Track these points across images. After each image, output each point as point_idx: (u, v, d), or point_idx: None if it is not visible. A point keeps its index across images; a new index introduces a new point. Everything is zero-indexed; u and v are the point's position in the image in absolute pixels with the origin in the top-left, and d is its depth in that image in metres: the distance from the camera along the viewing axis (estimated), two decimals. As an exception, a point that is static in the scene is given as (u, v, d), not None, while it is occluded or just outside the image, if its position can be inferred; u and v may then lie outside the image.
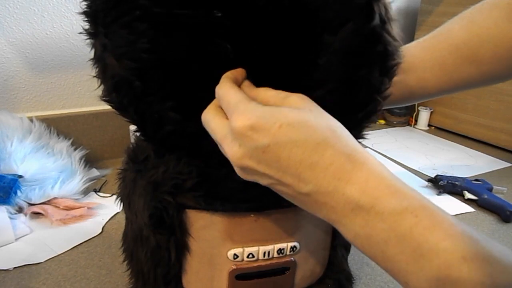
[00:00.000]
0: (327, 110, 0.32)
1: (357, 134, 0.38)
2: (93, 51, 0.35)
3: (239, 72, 0.33)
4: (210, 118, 0.32)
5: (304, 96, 0.31)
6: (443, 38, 0.50)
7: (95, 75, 0.36)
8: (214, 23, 0.31)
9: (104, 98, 0.37)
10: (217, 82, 0.33)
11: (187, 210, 0.38)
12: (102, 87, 0.36)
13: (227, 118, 0.31)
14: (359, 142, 0.32)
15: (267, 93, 0.32)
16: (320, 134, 0.28)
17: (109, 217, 0.69)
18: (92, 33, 0.34)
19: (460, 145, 1.18)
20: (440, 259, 0.25)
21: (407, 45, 0.51)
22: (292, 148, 0.28)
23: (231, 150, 0.30)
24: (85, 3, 0.33)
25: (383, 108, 0.40)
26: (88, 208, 0.71)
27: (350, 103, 0.34)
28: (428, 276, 0.25)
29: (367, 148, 0.98)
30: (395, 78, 0.37)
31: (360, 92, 0.34)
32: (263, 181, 0.31)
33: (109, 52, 0.32)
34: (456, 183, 0.84)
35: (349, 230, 0.28)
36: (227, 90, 0.31)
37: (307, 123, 0.29)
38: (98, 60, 0.35)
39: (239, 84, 0.33)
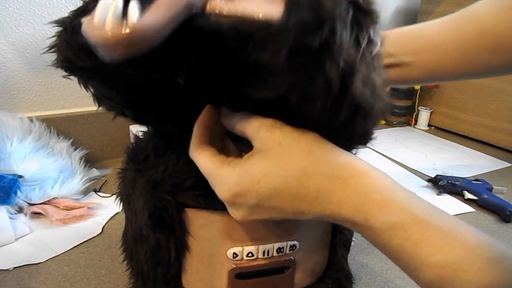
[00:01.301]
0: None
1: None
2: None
3: (207, 118, 0.33)
4: (200, 163, 0.33)
5: (273, 124, 0.30)
6: (469, 20, 0.47)
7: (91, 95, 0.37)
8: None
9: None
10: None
11: (186, 209, 0.38)
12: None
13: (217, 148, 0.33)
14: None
15: (241, 123, 0.32)
16: (296, 166, 0.28)
17: (109, 217, 0.70)
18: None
19: (460, 145, 1.18)
20: (432, 272, 0.25)
21: (429, 22, 0.50)
22: (279, 194, 0.29)
23: (231, 212, 0.32)
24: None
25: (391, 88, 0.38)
26: (88, 208, 0.71)
27: (332, 137, 0.31)
28: (426, 284, 0.26)
29: (367, 148, 0.98)
30: (411, 58, 0.35)
31: (342, 135, 0.32)
32: (273, 219, 0.32)
33: (95, 94, 0.34)
34: (456, 183, 0.84)
35: (359, 233, 0.30)
36: (198, 159, 0.33)
37: (281, 163, 0.29)
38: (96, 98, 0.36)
39: (212, 129, 0.33)
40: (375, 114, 0.30)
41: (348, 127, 0.29)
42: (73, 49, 0.28)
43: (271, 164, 0.29)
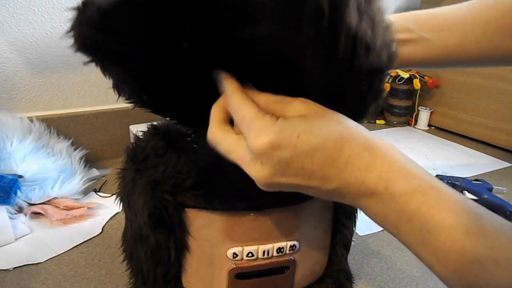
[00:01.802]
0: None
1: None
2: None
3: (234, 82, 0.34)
4: (221, 139, 0.33)
5: (304, 100, 0.32)
6: (488, 3, 0.47)
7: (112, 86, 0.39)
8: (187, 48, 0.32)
9: (128, 102, 0.40)
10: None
11: (186, 209, 0.38)
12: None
13: (235, 132, 0.32)
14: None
15: (269, 98, 0.33)
16: (334, 131, 0.30)
17: (109, 217, 0.69)
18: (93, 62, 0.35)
19: (460, 145, 1.18)
20: (445, 234, 0.26)
21: (446, 6, 0.49)
22: (314, 153, 0.29)
23: (253, 170, 0.31)
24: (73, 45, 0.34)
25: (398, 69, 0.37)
26: (88, 208, 0.71)
27: (342, 104, 0.33)
28: (434, 250, 0.27)
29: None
30: (430, 35, 0.35)
31: (352, 97, 0.33)
32: (291, 189, 0.32)
33: (112, 77, 0.36)
34: (456, 183, 0.84)
35: (368, 210, 0.31)
36: (241, 102, 0.32)
37: (320, 125, 0.30)
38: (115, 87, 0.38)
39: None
40: (378, 51, 0.30)
41: (352, 65, 0.29)
42: (85, 24, 0.30)
43: (311, 124, 0.30)
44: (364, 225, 0.69)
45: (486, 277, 0.25)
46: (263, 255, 0.39)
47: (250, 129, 0.30)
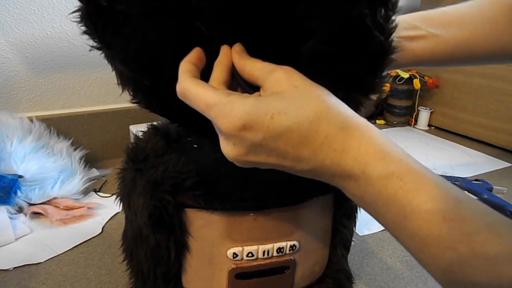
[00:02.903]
0: (324, 65, 0.31)
1: (366, 90, 0.35)
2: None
3: (195, 56, 0.32)
4: (192, 94, 0.31)
5: (289, 69, 0.31)
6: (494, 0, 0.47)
7: (118, 82, 0.38)
8: (184, 8, 0.31)
9: (133, 101, 0.39)
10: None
11: (186, 209, 0.38)
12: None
13: (208, 87, 0.31)
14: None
15: (254, 65, 0.31)
16: (311, 110, 0.29)
17: (109, 217, 0.70)
18: (99, 47, 0.35)
19: (460, 145, 1.18)
20: (422, 220, 0.26)
21: (451, 5, 0.49)
22: (288, 134, 0.28)
23: (225, 148, 0.30)
24: (79, 21, 0.34)
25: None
26: (88, 208, 0.71)
27: (348, 50, 0.31)
28: (411, 234, 0.27)
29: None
30: (439, 31, 0.34)
31: (357, 34, 0.31)
32: (263, 167, 0.31)
33: (115, 59, 0.35)
34: (456, 183, 0.84)
35: (347, 191, 0.30)
36: (197, 90, 0.30)
37: (296, 104, 0.29)
38: (114, 69, 0.37)
39: (201, 69, 0.32)
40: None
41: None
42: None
43: (286, 103, 0.28)
44: (364, 225, 0.69)
45: (461, 262, 0.25)
46: (263, 255, 0.39)
47: (218, 113, 0.29)
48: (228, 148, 0.30)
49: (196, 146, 0.45)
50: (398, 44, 0.34)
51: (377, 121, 1.36)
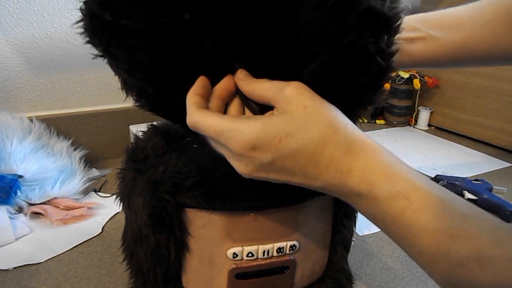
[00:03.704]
0: (325, 83, 0.32)
1: (365, 104, 0.36)
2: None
3: (199, 87, 0.34)
4: (202, 125, 0.32)
5: (300, 85, 0.31)
6: (493, 2, 0.47)
7: (121, 87, 0.39)
8: (191, 24, 0.32)
9: (136, 105, 0.40)
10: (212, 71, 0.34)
11: (186, 209, 0.38)
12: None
13: (219, 117, 0.32)
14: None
15: (262, 86, 0.32)
16: (318, 132, 0.30)
17: (109, 217, 0.69)
18: (101, 55, 0.35)
19: (460, 145, 1.18)
20: (429, 238, 0.27)
21: (450, 8, 0.49)
22: (295, 156, 0.30)
23: (237, 167, 0.32)
24: (82, 32, 0.35)
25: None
26: (88, 208, 0.71)
27: (350, 72, 0.32)
28: (420, 251, 0.28)
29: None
30: (438, 33, 0.35)
31: (359, 59, 0.32)
32: (276, 182, 0.32)
33: (119, 68, 0.35)
34: (456, 183, 0.84)
35: (356, 207, 0.32)
36: (207, 120, 0.32)
37: (304, 126, 0.30)
38: (117, 75, 0.37)
39: (208, 95, 0.34)
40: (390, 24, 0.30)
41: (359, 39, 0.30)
42: (92, 2, 0.32)
43: (295, 126, 0.30)
44: (364, 225, 0.69)
45: (469, 278, 0.26)
46: (263, 255, 0.39)
47: (228, 138, 0.31)
48: (240, 165, 0.32)
49: (196, 146, 0.45)
50: (398, 45, 0.34)
51: (377, 121, 1.36)
